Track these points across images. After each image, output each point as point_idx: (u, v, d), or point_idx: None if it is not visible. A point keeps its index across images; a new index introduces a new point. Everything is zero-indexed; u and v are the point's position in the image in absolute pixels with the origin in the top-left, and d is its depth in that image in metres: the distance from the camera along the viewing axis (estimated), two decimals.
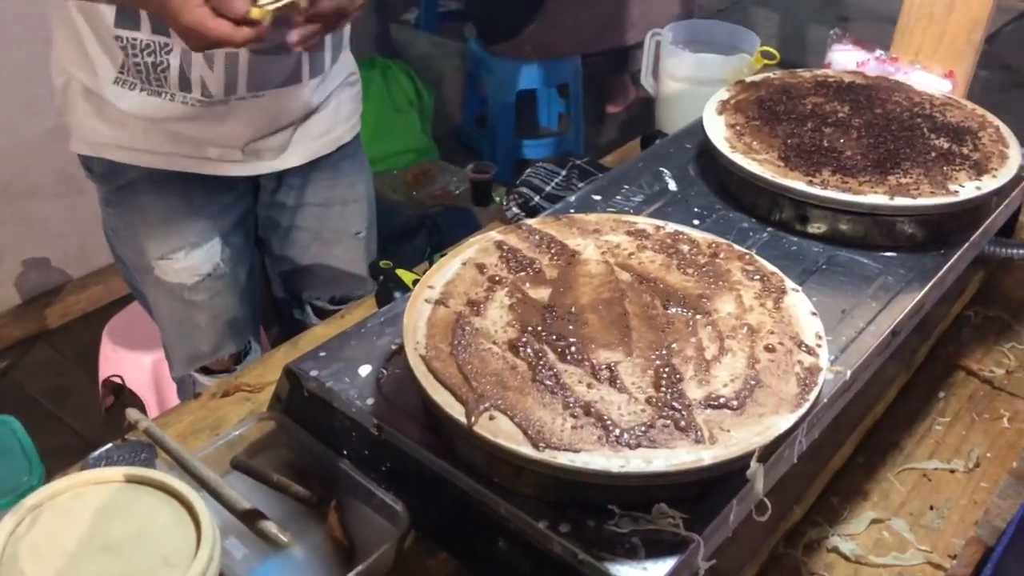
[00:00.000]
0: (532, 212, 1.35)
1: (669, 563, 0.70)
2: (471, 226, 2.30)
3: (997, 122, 1.19)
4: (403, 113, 2.99)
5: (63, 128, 1.36)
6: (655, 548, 0.71)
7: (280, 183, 1.44)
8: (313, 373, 0.87)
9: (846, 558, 0.91)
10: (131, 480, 0.74)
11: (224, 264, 1.40)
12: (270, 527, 0.83)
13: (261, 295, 1.54)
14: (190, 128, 1.29)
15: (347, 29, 1.38)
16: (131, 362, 2.02)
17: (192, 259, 1.37)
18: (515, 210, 1.39)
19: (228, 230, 1.41)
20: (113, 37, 1.21)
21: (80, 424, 2.24)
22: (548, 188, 1.40)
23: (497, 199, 2.66)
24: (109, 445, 0.94)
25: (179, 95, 1.25)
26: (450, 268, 0.90)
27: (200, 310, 1.41)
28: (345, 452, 0.87)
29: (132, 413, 0.91)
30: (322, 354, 0.89)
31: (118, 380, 1.89)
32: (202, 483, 0.84)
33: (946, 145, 1.12)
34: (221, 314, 1.42)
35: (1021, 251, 1.20)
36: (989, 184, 1.06)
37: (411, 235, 2.46)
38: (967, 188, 1.05)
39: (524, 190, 1.40)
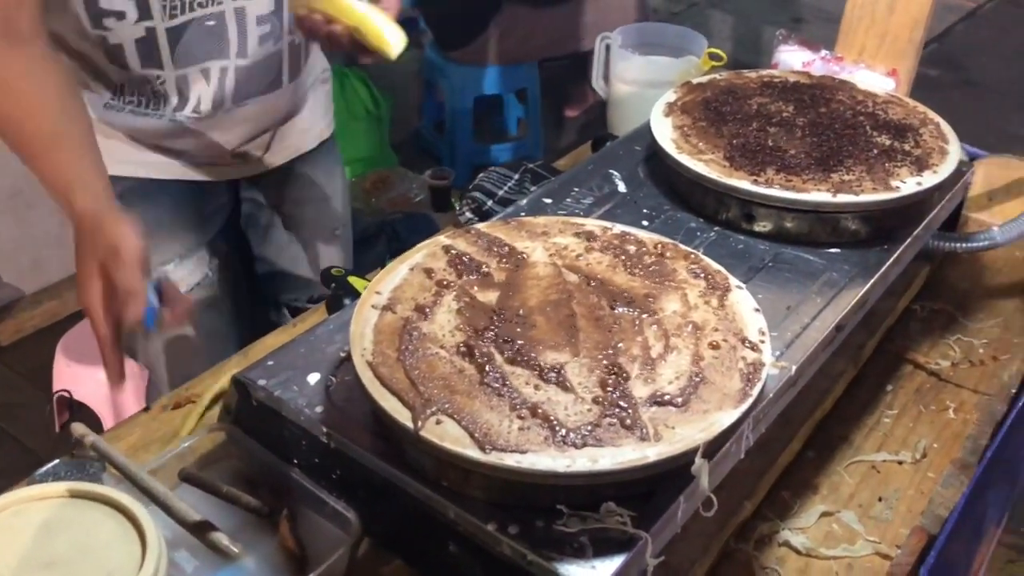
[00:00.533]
0: (485, 216, 1.35)
1: (617, 561, 0.71)
2: (431, 232, 2.28)
3: (937, 119, 1.21)
4: (360, 120, 2.98)
5: None
6: (603, 546, 0.71)
7: (260, 182, 1.45)
8: (261, 383, 0.87)
9: (797, 551, 0.92)
10: (75, 495, 0.73)
11: (212, 274, 1.39)
12: (221, 539, 0.82)
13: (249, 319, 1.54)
14: (178, 143, 1.31)
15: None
16: (86, 377, 1.99)
17: (182, 270, 1.36)
18: (468, 215, 1.39)
19: (214, 238, 1.41)
20: (103, 69, 1.22)
21: (34, 441, 2.20)
22: (501, 192, 1.40)
23: (457, 205, 2.66)
24: (56, 461, 0.92)
25: (169, 115, 1.27)
26: (398, 274, 0.90)
27: (190, 327, 1.39)
28: (295, 461, 0.87)
29: (78, 428, 0.90)
30: (270, 363, 0.89)
31: (67, 395, 1.86)
32: (151, 497, 0.83)
33: (888, 142, 1.14)
34: (210, 333, 1.40)
35: (964, 244, 1.23)
36: (930, 180, 1.08)
37: (370, 242, 2.45)
38: (908, 184, 1.07)
39: (477, 195, 1.41)
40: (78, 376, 2.01)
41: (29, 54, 1.04)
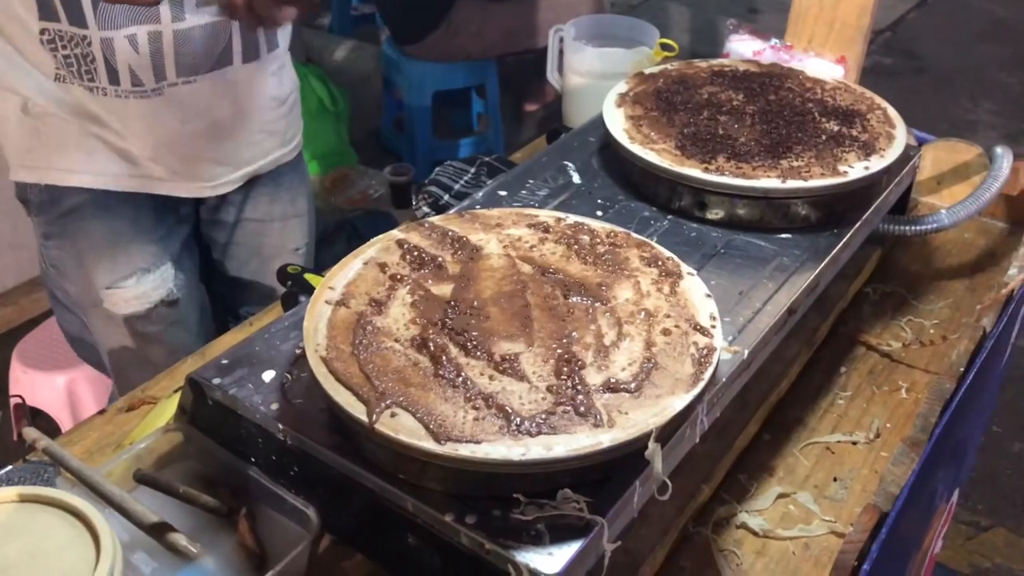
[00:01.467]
0: (442, 210, 1.35)
1: (574, 547, 0.71)
2: (390, 229, 2.29)
3: (884, 104, 1.23)
4: (318, 118, 2.97)
5: None
6: (560, 533, 0.72)
7: (222, 200, 1.41)
8: (216, 381, 0.86)
9: (754, 533, 0.94)
10: (26, 500, 0.72)
11: (177, 291, 1.36)
12: (179, 539, 0.82)
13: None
14: (130, 132, 1.25)
15: (285, 35, 1.35)
16: (43, 383, 1.97)
17: (144, 285, 1.32)
18: (425, 209, 1.39)
19: (177, 254, 1.37)
20: (39, 33, 1.16)
21: None
22: (457, 186, 1.40)
23: (414, 200, 2.66)
24: (9, 467, 0.91)
25: (111, 88, 1.21)
26: (351, 268, 0.90)
27: (154, 343, 1.36)
28: (253, 459, 0.86)
29: (30, 432, 0.89)
30: (224, 362, 0.88)
31: (20, 400, 1.84)
32: (106, 499, 0.82)
33: (836, 128, 1.16)
34: (177, 349, 1.37)
35: (914, 227, 1.25)
36: (877, 164, 1.10)
37: (330, 241, 2.45)
38: (856, 168, 1.08)
39: (433, 189, 1.41)
40: (35, 382, 1.98)
41: None
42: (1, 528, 0.70)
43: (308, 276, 1.17)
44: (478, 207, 1.10)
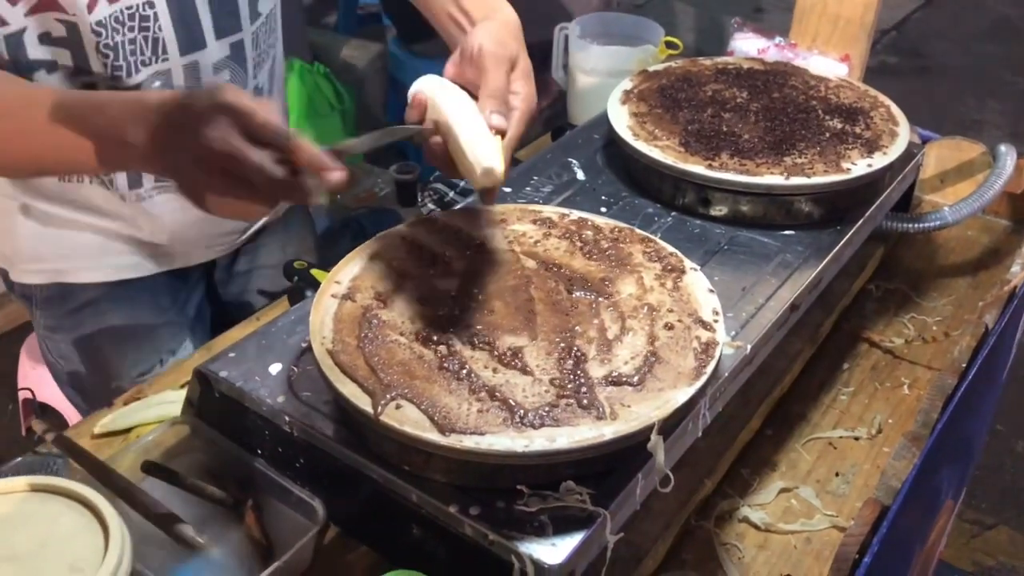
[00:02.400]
0: (447, 207, 1.36)
1: (577, 538, 0.72)
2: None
3: (888, 102, 1.24)
4: (324, 117, 2.97)
5: None
6: (563, 524, 0.73)
7: (234, 255, 1.35)
8: (223, 374, 0.87)
9: (756, 527, 0.94)
10: (36, 489, 0.73)
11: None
12: (186, 530, 0.82)
13: None
14: (147, 223, 1.17)
15: (279, 72, 1.28)
16: (51, 379, 1.98)
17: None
18: (430, 206, 1.40)
19: (193, 323, 1.30)
20: None
21: (0, 446, 2.18)
22: (463, 183, 1.41)
23: (419, 197, 2.66)
24: (19, 459, 0.92)
25: (130, 194, 1.13)
26: (357, 263, 0.91)
27: None
28: (259, 452, 0.87)
29: (39, 424, 0.90)
30: (232, 355, 0.89)
31: (29, 394, 1.85)
32: (115, 490, 0.83)
33: (839, 125, 1.16)
34: None
35: (917, 225, 1.26)
36: (880, 161, 1.11)
37: (336, 238, 2.45)
38: (859, 165, 1.09)
39: (439, 186, 1.41)
40: (43, 378, 1.99)
41: None
42: (12, 516, 0.71)
43: (314, 272, 1.18)
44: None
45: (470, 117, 0.89)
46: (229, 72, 1.12)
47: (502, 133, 0.89)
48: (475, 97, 0.93)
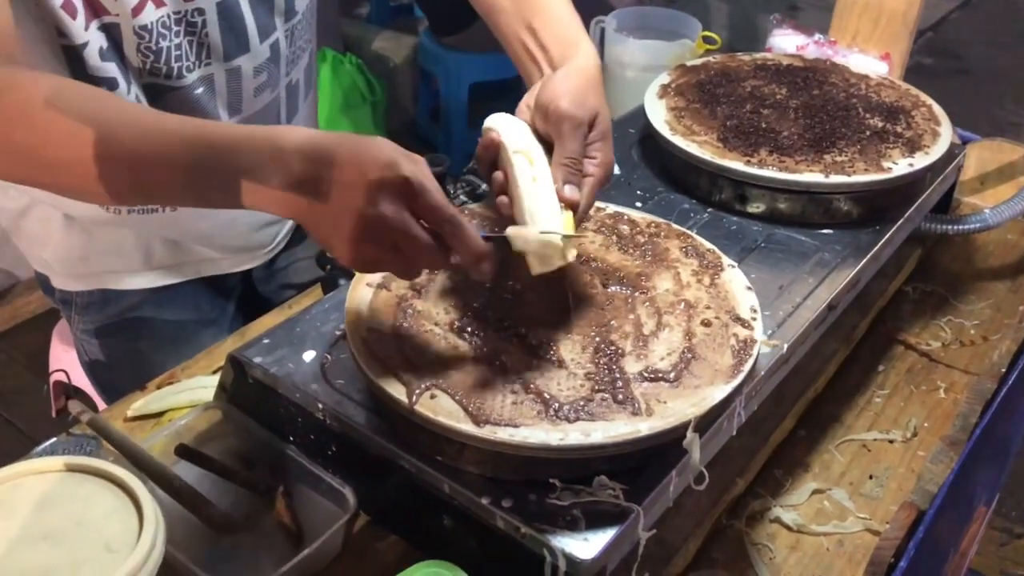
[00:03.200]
0: (479, 199, 1.35)
1: (609, 533, 0.71)
2: None
3: (930, 101, 1.22)
4: (355, 108, 2.98)
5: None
6: (596, 519, 0.72)
7: (276, 255, 1.34)
8: (257, 360, 0.87)
9: (788, 528, 0.93)
10: (71, 469, 0.74)
11: None
12: (218, 514, 0.83)
13: None
14: (192, 230, 1.17)
15: (314, 66, 1.25)
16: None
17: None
18: (463, 198, 1.39)
19: (231, 323, 1.30)
20: None
21: (30, 426, 2.21)
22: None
23: (451, 189, 2.67)
24: (53, 439, 0.93)
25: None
26: None
27: None
28: (291, 438, 0.88)
29: (75, 405, 0.91)
30: (266, 341, 0.89)
31: (63, 377, 1.86)
32: (148, 472, 0.84)
33: (880, 124, 1.15)
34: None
35: (956, 227, 1.24)
36: (922, 161, 1.09)
37: None
38: (900, 165, 1.07)
39: (471, 178, 1.41)
40: (75, 361, 2.01)
41: (50, 78, 0.84)
42: (48, 496, 0.71)
43: None
44: None
45: (540, 186, 0.82)
46: (267, 73, 1.11)
47: (573, 207, 0.83)
48: (547, 148, 0.87)
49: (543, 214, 0.80)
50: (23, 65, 0.82)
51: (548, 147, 0.87)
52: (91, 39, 0.94)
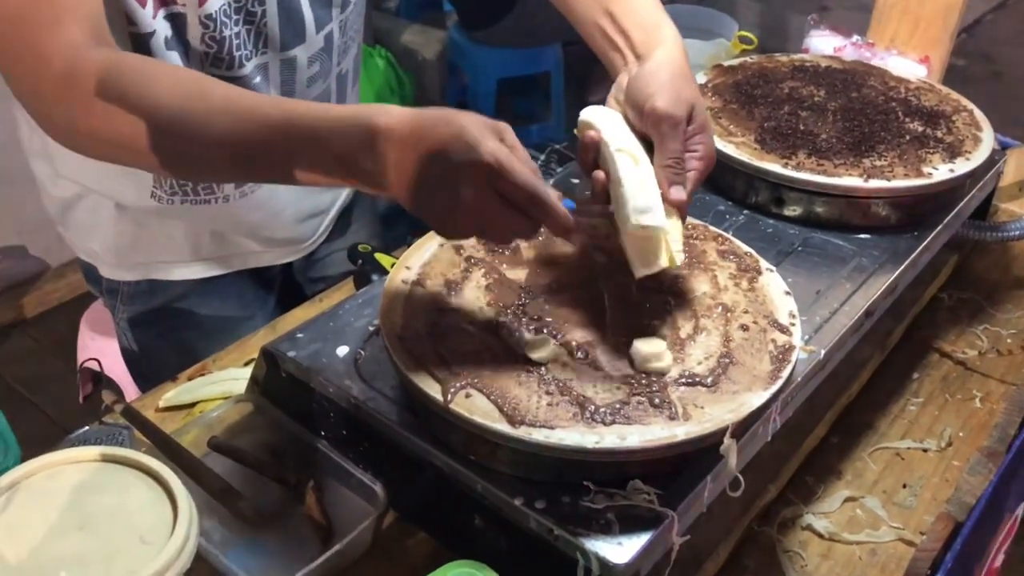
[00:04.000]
0: None
1: (644, 538, 0.71)
2: None
3: (971, 106, 1.20)
4: (384, 101, 2.98)
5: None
6: (630, 523, 0.72)
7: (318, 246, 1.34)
8: (291, 354, 0.87)
9: (820, 535, 0.92)
10: (107, 459, 0.74)
11: None
12: (248, 507, 0.83)
13: None
14: (239, 220, 1.17)
15: (360, 57, 1.24)
16: (110, 350, 2.00)
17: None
18: None
19: (272, 314, 1.29)
20: None
21: (58, 413, 2.23)
22: None
23: None
24: (86, 428, 0.93)
25: (234, 192, 1.11)
26: (427, 249, 0.91)
27: None
28: (323, 433, 0.88)
29: (109, 395, 0.91)
30: (299, 335, 0.89)
31: (95, 365, 1.87)
32: (180, 464, 0.84)
33: (920, 128, 1.13)
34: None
35: (995, 233, 1.22)
36: (962, 167, 1.07)
37: (391, 223, 2.46)
38: (941, 171, 1.06)
39: None
40: (103, 349, 2.03)
41: (142, 57, 0.88)
42: (84, 484, 0.71)
43: (378, 256, 1.18)
44: None
45: (647, 185, 0.80)
46: (320, 64, 1.11)
47: (680, 208, 0.82)
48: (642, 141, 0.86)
49: (653, 212, 0.78)
50: (111, 49, 0.85)
51: (642, 139, 0.86)
52: (158, 28, 0.94)
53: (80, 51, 0.81)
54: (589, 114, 0.88)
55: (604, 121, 0.86)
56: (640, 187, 0.79)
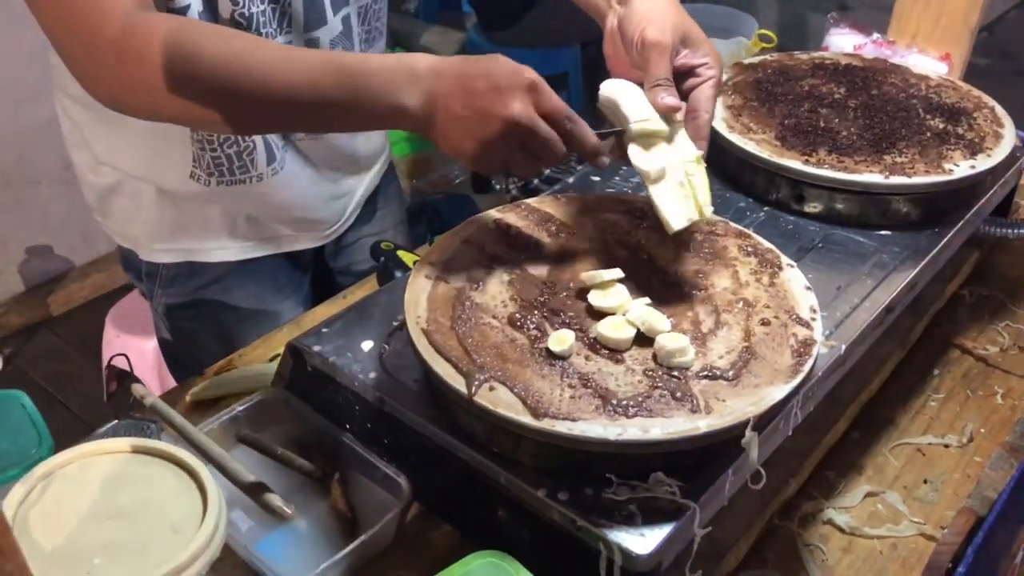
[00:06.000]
0: (532, 194, 1.35)
1: (666, 529, 0.71)
2: (471, 212, 2.29)
3: (992, 103, 1.20)
4: None
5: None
6: (652, 515, 0.72)
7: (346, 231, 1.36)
8: (316, 349, 0.89)
9: (841, 530, 0.93)
10: (137, 451, 0.75)
11: None
12: (275, 499, 0.84)
13: None
14: (272, 200, 1.18)
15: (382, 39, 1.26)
16: (134, 348, 2.04)
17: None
18: (515, 192, 1.40)
19: (306, 299, 1.32)
20: (191, 133, 1.08)
21: (83, 410, 2.26)
22: (547, 170, 1.40)
23: (497, 186, 2.67)
24: (115, 422, 0.95)
25: (267, 170, 1.13)
26: (450, 246, 0.92)
27: None
28: (348, 426, 0.89)
29: (138, 389, 0.93)
30: (324, 330, 0.91)
31: (122, 361, 1.90)
32: (208, 457, 0.85)
33: (941, 125, 1.13)
34: None
35: (1016, 231, 1.22)
36: (983, 163, 1.07)
37: (412, 222, 2.48)
38: (962, 167, 1.06)
39: None
40: (127, 346, 2.05)
41: (181, 19, 0.91)
42: (115, 476, 0.73)
43: (400, 253, 1.19)
44: (570, 191, 1.10)
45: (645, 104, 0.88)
46: (342, 48, 1.12)
47: (675, 111, 0.87)
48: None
49: (651, 120, 0.86)
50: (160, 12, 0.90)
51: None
52: (192, 2, 0.97)
53: (133, 13, 0.86)
54: (609, 86, 0.92)
55: (623, 93, 0.90)
56: (641, 105, 0.87)
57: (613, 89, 0.91)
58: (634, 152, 0.86)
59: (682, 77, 0.92)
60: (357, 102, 0.84)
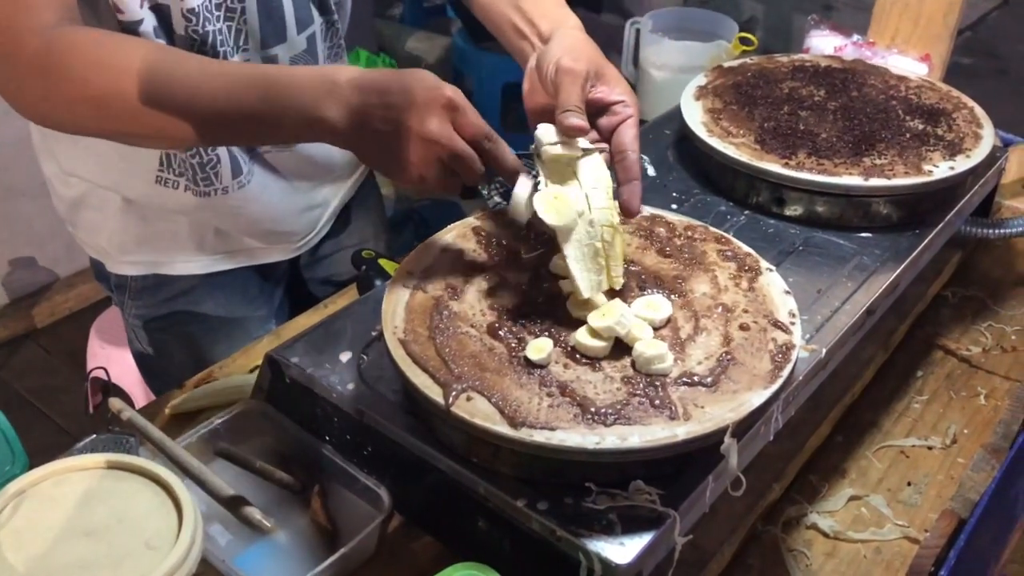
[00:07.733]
0: None
1: (646, 538, 0.71)
2: (458, 219, 2.31)
3: (971, 103, 1.20)
4: None
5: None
6: (632, 524, 0.72)
7: (320, 242, 1.34)
8: (294, 360, 0.88)
9: (825, 534, 0.92)
10: (113, 466, 0.75)
11: None
12: (254, 513, 0.84)
13: None
14: (241, 212, 1.17)
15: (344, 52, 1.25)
16: (119, 359, 2.02)
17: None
18: (496, 199, 1.39)
19: (277, 311, 1.31)
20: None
21: (68, 422, 2.24)
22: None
23: (484, 192, 2.67)
24: (93, 436, 0.94)
25: (233, 183, 1.11)
26: (429, 254, 0.91)
27: None
28: (327, 438, 0.88)
29: (115, 403, 0.92)
30: (303, 341, 0.90)
31: (102, 374, 1.88)
32: (186, 471, 0.85)
33: (921, 126, 1.13)
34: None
35: (997, 231, 1.22)
36: (963, 164, 1.07)
37: (398, 228, 2.47)
38: (941, 168, 1.06)
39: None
40: (111, 358, 2.04)
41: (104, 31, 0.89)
42: (90, 492, 0.72)
43: (382, 261, 1.18)
44: None
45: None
46: (303, 64, 1.11)
47: (581, 132, 0.85)
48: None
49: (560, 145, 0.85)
50: (85, 26, 0.89)
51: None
52: (145, 17, 0.96)
53: (56, 27, 0.85)
54: (544, 130, 0.88)
55: (542, 127, 0.88)
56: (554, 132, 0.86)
57: (540, 127, 0.89)
58: (541, 204, 0.83)
59: (597, 113, 0.92)
60: (278, 115, 0.83)
